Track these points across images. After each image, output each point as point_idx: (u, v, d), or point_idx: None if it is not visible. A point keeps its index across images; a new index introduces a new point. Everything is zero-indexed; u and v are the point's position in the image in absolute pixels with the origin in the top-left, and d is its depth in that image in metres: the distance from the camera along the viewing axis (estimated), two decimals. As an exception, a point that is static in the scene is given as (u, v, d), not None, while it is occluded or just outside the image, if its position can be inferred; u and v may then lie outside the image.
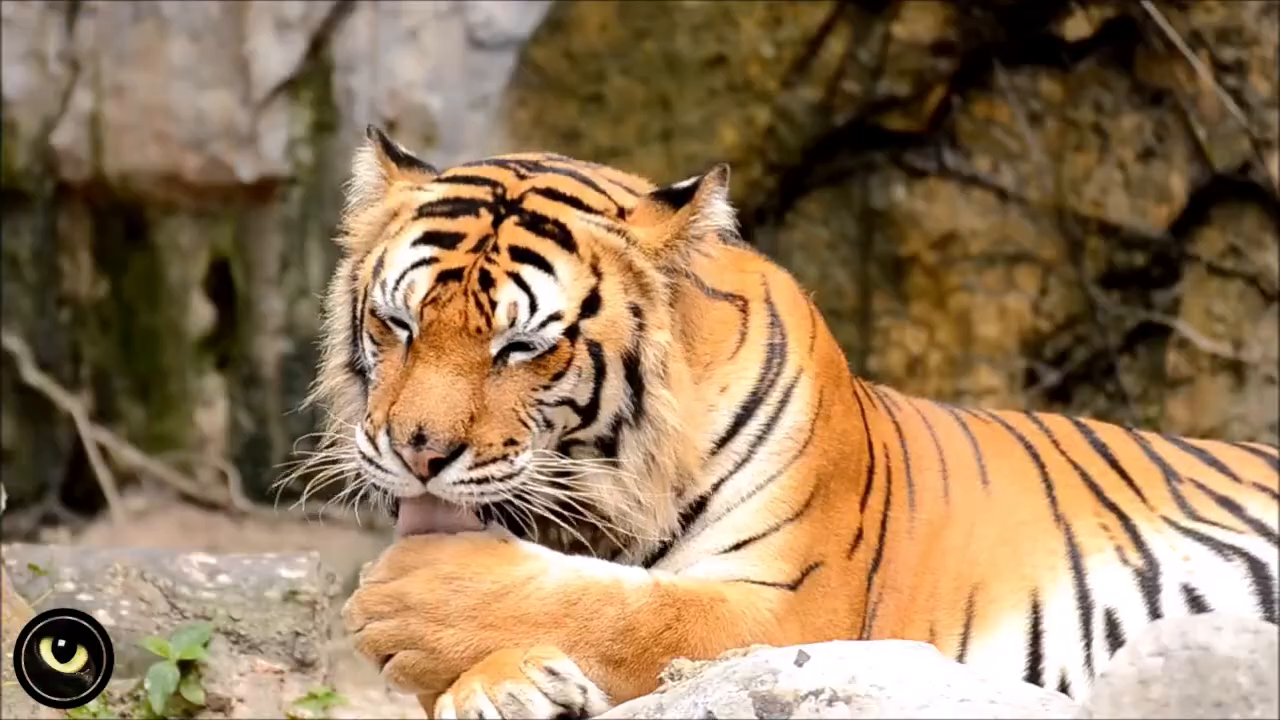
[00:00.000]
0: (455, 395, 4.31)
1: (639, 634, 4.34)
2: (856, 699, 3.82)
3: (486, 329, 4.35)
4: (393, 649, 4.35)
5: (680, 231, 4.47)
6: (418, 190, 4.55)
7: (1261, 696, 3.39)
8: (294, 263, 9.50)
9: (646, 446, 4.44)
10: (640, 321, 4.45)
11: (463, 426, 4.30)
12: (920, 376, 8.84)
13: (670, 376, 4.47)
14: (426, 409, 4.29)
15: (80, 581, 5.47)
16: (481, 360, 4.35)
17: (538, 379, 4.38)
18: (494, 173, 4.54)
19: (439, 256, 4.41)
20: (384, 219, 4.57)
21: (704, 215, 4.48)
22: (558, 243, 4.43)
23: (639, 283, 4.46)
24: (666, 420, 4.44)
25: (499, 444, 4.33)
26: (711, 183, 4.48)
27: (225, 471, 9.60)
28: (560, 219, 4.45)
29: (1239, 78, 8.56)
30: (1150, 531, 4.78)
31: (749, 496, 4.53)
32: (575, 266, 4.42)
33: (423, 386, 4.31)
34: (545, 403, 4.39)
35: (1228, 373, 8.63)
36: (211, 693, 5.38)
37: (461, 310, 4.35)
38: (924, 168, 8.88)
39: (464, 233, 4.43)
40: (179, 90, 9.47)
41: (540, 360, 4.38)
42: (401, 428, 4.29)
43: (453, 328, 4.35)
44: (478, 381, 4.34)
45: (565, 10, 9.00)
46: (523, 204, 4.47)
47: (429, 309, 4.36)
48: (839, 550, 4.56)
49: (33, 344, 9.66)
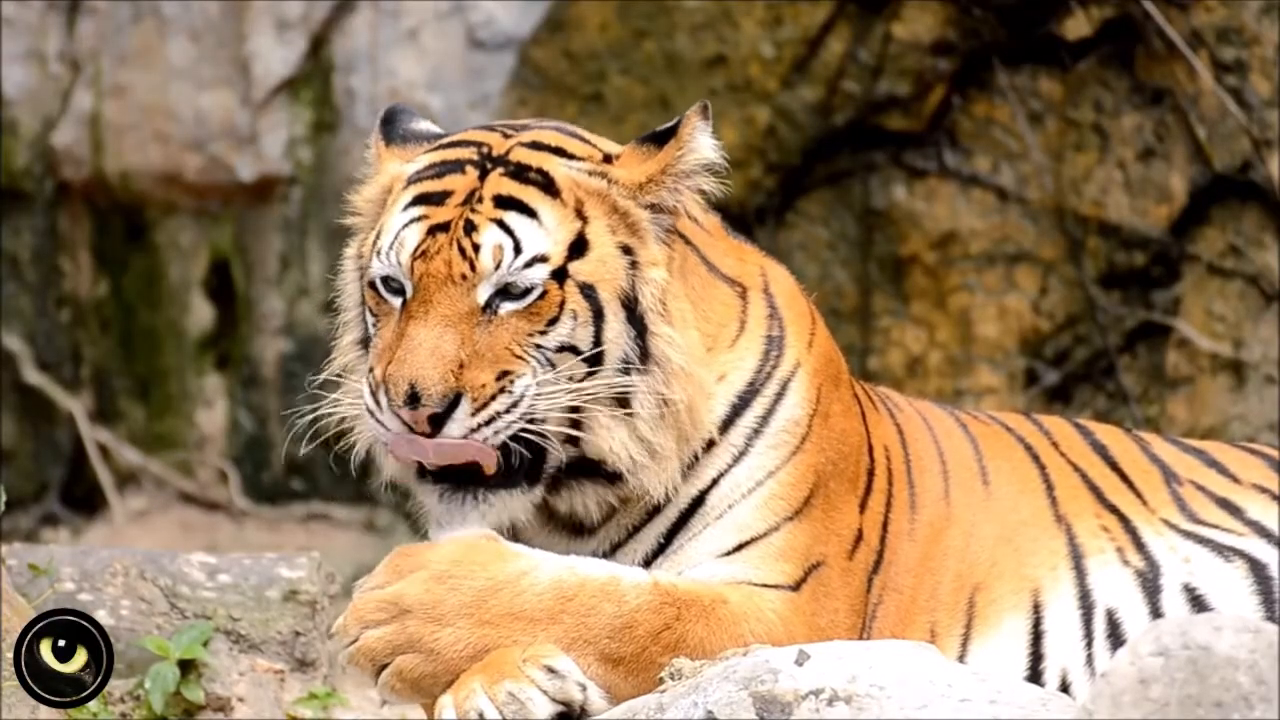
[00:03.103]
0: (444, 347, 4.35)
1: (637, 632, 4.34)
2: (856, 699, 3.82)
3: (471, 274, 4.39)
4: (389, 656, 4.34)
5: (665, 167, 4.50)
6: (407, 163, 4.61)
7: (1261, 696, 3.39)
8: (294, 263, 9.50)
9: (656, 389, 4.45)
10: (633, 260, 4.48)
11: (453, 376, 4.33)
12: (920, 376, 8.84)
13: (672, 314, 4.49)
14: (416, 365, 4.33)
15: (80, 581, 5.47)
16: (469, 309, 4.38)
17: (531, 325, 4.41)
18: (481, 135, 4.61)
19: (428, 214, 4.47)
20: (380, 195, 4.64)
21: (688, 149, 4.51)
22: (540, 189, 4.48)
23: (626, 223, 4.49)
24: (672, 359, 4.46)
25: (491, 381, 4.36)
26: (694, 118, 4.52)
27: (225, 471, 9.59)
28: (543, 167, 4.50)
29: (1239, 78, 8.56)
30: (1150, 533, 4.78)
31: (749, 493, 4.53)
32: (559, 211, 4.46)
33: (413, 343, 4.36)
34: (544, 347, 4.40)
35: (1228, 373, 8.63)
36: (211, 693, 5.38)
37: (447, 260, 4.40)
38: (924, 168, 8.88)
39: (451, 190, 4.50)
40: (179, 90, 9.47)
41: (532, 308, 4.41)
42: (395, 388, 4.33)
43: (439, 278, 4.40)
44: (466, 331, 4.37)
45: (565, 10, 9.00)
46: (508, 156, 4.52)
47: (418, 263, 4.42)
48: (839, 551, 4.56)
49: (33, 344, 9.66)
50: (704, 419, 4.51)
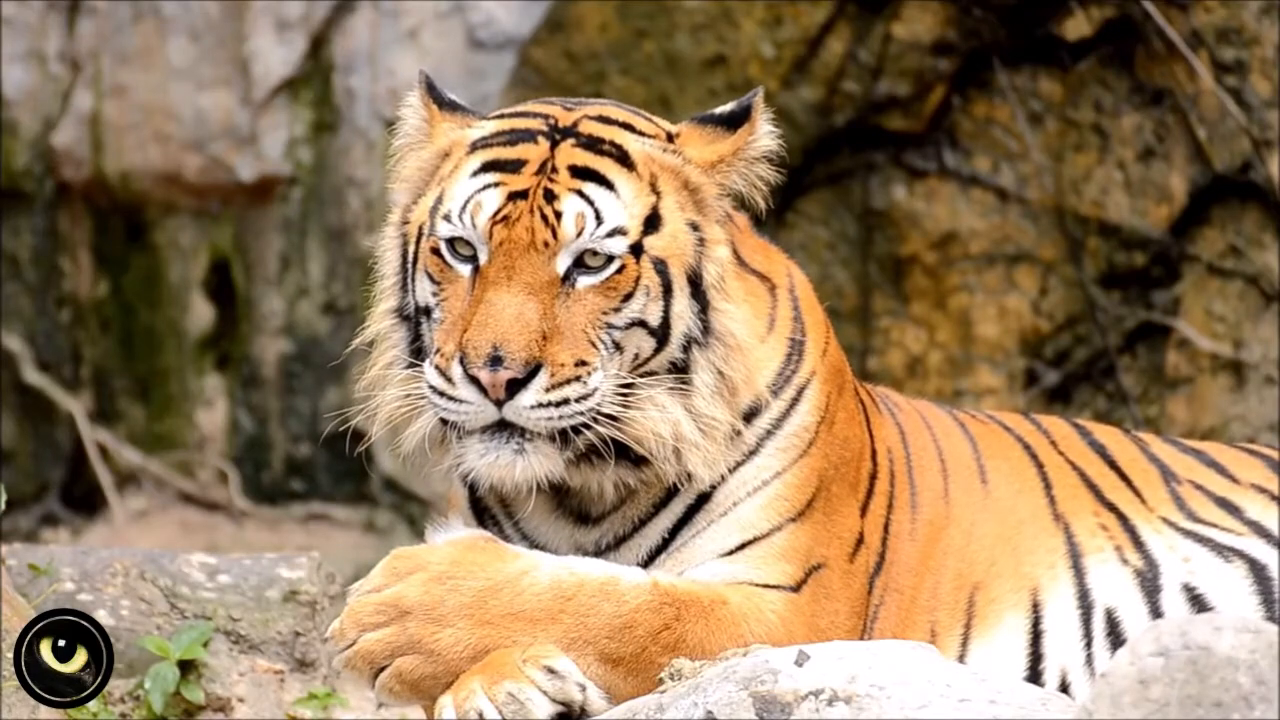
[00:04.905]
0: (528, 314, 4.33)
1: (637, 632, 4.34)
2: (856, 699, 3.83)
3: (553, 241, 4.38)
4: (389, 658, 4.33)
5: (736, 150, 4.55)
6: (467, 128, 4.58)
7: (1261, 696, 3.39)
8: (294, 263, 9.50)
9: (715, 364, 4.47)
10: (700, 237, 4.51)
11: (537, 345, 4.32)
12: (920, 376, 8.84)
13: (730, 291, 4.52)
14: (501, 329, 4.30)
15: (80, 581, 5.47)
16: (550, 280, 4.37)
17: (607, 301, 4.41)
18: (543, 108, 4.61)
19: (504, 180, 4.44)
20: (434, 160, 4.59)
21: (759, 135, 4.56)
22: (616, 161, 4.49)
23: (694, 200, 4.51)
24: (734, 334, 4.49)
25: (570, 364, 4.35)
26: (761, 104, 4.56)
27: (225, 471, 9.60)
28: (616, 140, 4.51)
29: (1239, 78, 8.56)
30: (1149, 532, 4.78)
31: (754, 492, 4.53)
32: (635, 184, 4.47)
33: (495, 308, 4.33)
34: (615, 325, 4.41)
35: (1228, 373, 8.63)
36: (211, 693, 5.38)
37: (529, 226, 4.38)
38: (924, 168, 8.88)
39: (524, 158, 4.47)
40: (179, 90, 9.47)
41: (609, 282, 4.41)
42: (476, 350, 4.29)
43: (521, 244, 4.37)
44: (548, 301, 4.36)
45: (565, 10, 9.00)
46: (577, 128, 4.52)
47: (498, 228, 4.39)
48: (840, 554, 4.57)
49: (33, 344, 9.66)
50: (758, 385, 4.53)
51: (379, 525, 9.45)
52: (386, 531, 9.36)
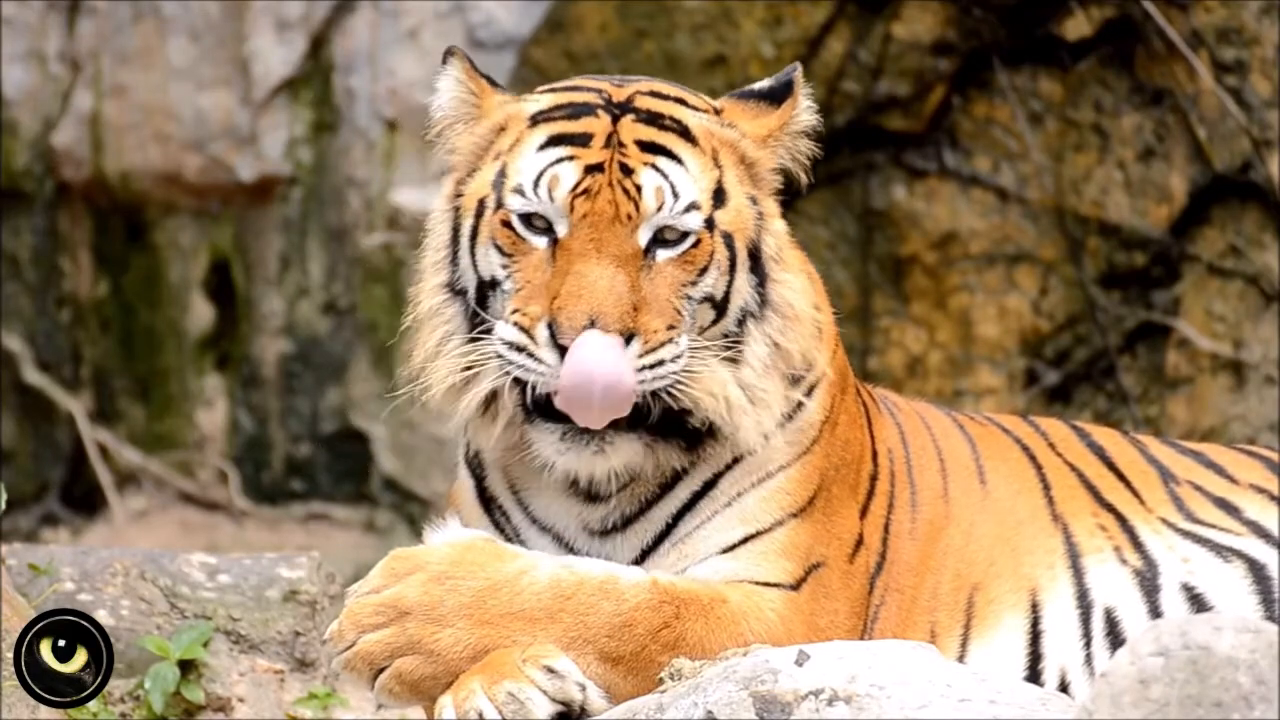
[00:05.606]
0: (619, 287, 4.34)
1: (636, 630, 4.33)
2: (856, 699, 3.82)
3: (636, 215, 4.39)
4: (389, 659, 4.32)
5: (784, 124, 4.59)
6: (523, 102, 4.57)
7: (1261, 696, 3.39)
8: (294, 263, 9.50)
9: (771, 335, 4.50)
10: (759, 210, 4.54)
11: (630, 317, 4.33)
12: (920, 376, 8.84)
13: (787, 262, 4.56)
14: (595, 300, 4.31)
15: (80, 581, 5.47)
16: (634, 252, 4.39)
17: (685, 274, 4.43)
18: (592, 83, 4.61)
19: (576, 154, 4.45)
20: (490, 134, 4.57)
21: (803, 109, 4.61)
22: (680, 136, 4.50)
23: (750, 174, 4.54)
24: (793, 304, 4.52)
25: (663, 329, 4.37)
26: (801, 79, 4.61)
27: (225, 471, 9.60)
28: (675, 115, 4.52)
29: (1239, 78, 8.56)
30: (1148, 532, 4.78)
31: (759, 483, 4.54)
32: (700, 159, 4.49)
33: (587, 280, 4.33)
34: (691, 299, 4.43)
35: (1228, 373, 8.63)
36: (211, 693, 5.38)
37: (611, 200, 4.39)
38: (924, 168, 8.88)
39: (590, 132, 4.48)
40: (179, 90, 9.47)
41: (685, 255, 4.42)
42: (571, 320, 4.30)
43: (606, 217, 4.38)
44: (634, 274, 4.37)
45: (565, 10, 9.00)
46: (634, 104, 4.53)
47: (580, 201, 4.39)
48: (840, 554, 4.57)
49: (33, 344, 9.66)
50: (817, 358, 4.56)
51: (379, 525, 9.45)
52: (386, 531, 9.36)
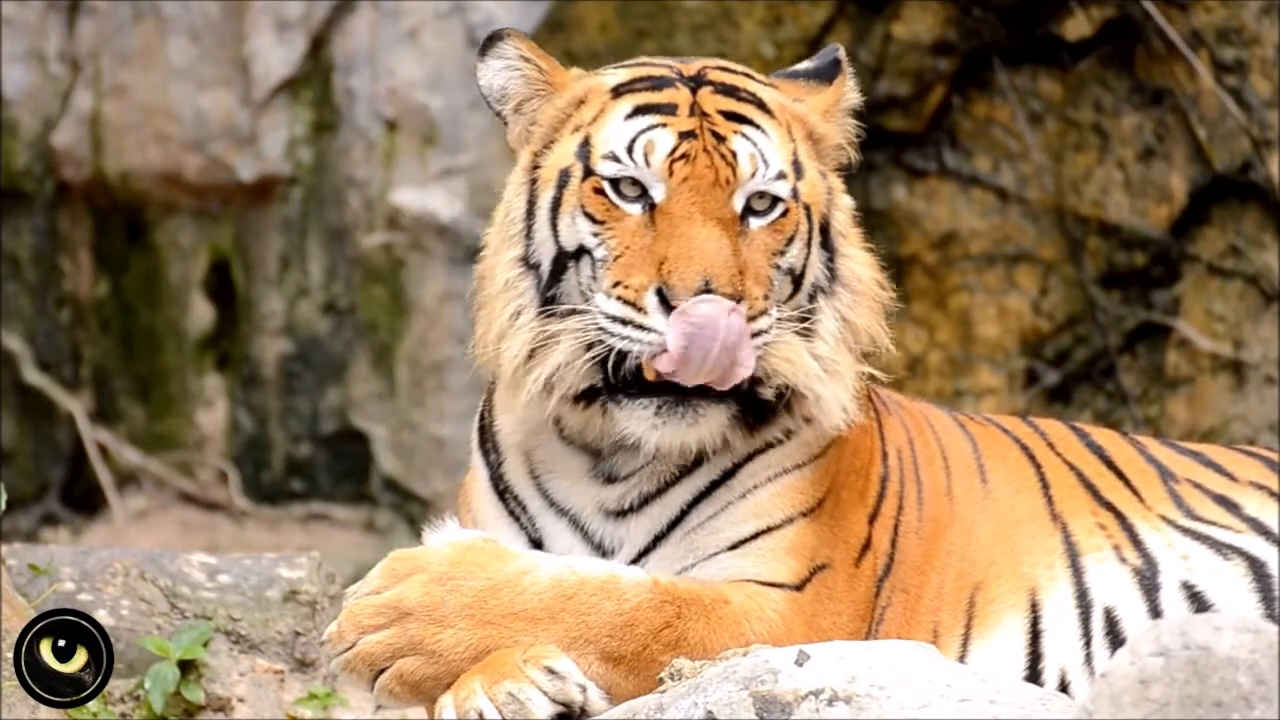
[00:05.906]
0: (726, 251, 4.34)
1: (638, 630, 4.34)
2: (856, 699, 3.83)
3: (733, 179, 4.40)
4: (389, 660, 4.32)
5: (838, 100, 4.62)
6: (600, 76, 4.59)
7: (1261, 696, 3.39)
8: (294, 263, 9.50)
9: (840, 310, 4.52)
10: (829, 185, 4.57)
11: (739, 279, 4.33)
12: (920, 376, 8.84)
13: (852, 238, 4.58)
14: (707, 261, 4.30)
15: (80, 581, 5.47)
16: (732, 217, 4.40)
17: (775, 243, 4.44)
18: (658, 59, 4.63)
19: (667, 121, 4.46)
20: (569, 107, 4.57)
21: (850, 87, 4.64)
22: (757, 108, 4.52)
23: (818, 149, 4.58)
24: (861, 278, 4.56)
25: (761, 298, 4.38)
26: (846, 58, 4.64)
27: (225, 471, 9.60)
28: (749, 88, 4.55)
29: (1239, 78, 8.56)
30: (1148, 530, 4.78)
31: (774, 478, 4.55)
32: (779, 130, 4.52)
33: (695, 242, 4.33)
34: (779, 267, 4.45)
35: (1228, 373, 8.63)
36: (211, 693, 5.38)
37: (710, 164, 4.40)
38: (924, 168, 8.88)
39: (675, 102, 4.49)
40: (179, 90, 9.47)
41: (775, 224, 4.44)
42: (684, 282, 4.28)
43: (706, 181, 4.39)
44: (734, 239, 4.37)
45: (565, 10, 9.00)
46: (708, 77, 4.55)
47: (679, 165, 4.40)
48: (846, 557, 4.57)
49: (33, 344, 9.66)
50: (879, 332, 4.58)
51: (379, 525, 9.45)
52: (386, 531, 9.36)
